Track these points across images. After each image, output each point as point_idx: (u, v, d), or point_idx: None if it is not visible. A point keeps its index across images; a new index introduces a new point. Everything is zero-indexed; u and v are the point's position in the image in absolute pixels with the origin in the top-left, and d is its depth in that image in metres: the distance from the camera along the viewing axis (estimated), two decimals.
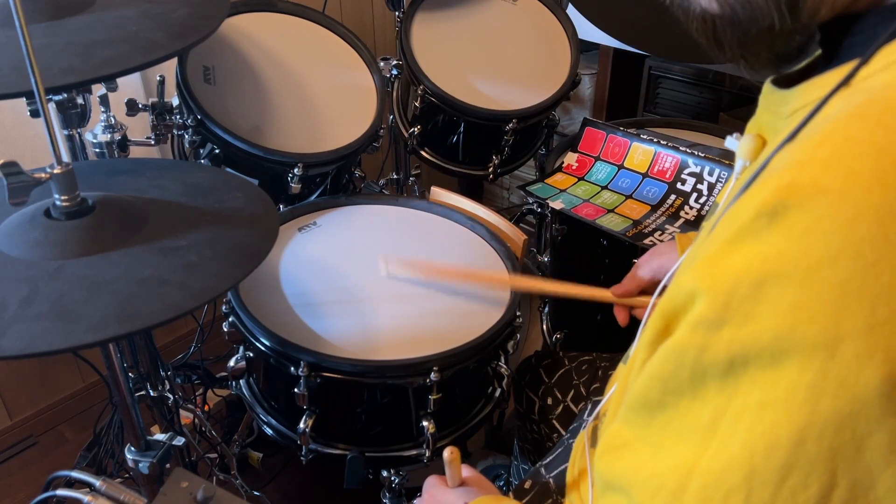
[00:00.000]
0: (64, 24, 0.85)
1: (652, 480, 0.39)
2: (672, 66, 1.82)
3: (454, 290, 1.07)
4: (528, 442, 1.10)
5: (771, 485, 0.34)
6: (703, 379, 0.37)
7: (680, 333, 0.38)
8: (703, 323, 0.36)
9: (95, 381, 1.68)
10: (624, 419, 0.44)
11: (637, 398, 0.42)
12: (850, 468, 0.33)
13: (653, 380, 0.40)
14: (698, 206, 1.24)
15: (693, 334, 0.37)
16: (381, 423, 0.98)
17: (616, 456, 0.44)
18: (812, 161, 0.35)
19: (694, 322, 0.37)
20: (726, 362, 0.36)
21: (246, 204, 0.78)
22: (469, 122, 1.40)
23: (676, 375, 0.38)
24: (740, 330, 0.35)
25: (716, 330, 0.36)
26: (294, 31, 1.31)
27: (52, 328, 0.59)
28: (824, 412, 0.33)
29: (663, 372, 0.39)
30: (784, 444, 0.34)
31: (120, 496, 0.80)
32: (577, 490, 0.69)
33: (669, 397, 0.39)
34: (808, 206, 0.34)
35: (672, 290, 0.40)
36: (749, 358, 0.35)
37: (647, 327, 0.43)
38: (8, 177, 0.64)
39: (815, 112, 0.39)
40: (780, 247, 0.34)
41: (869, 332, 0.32)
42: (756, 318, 0.34)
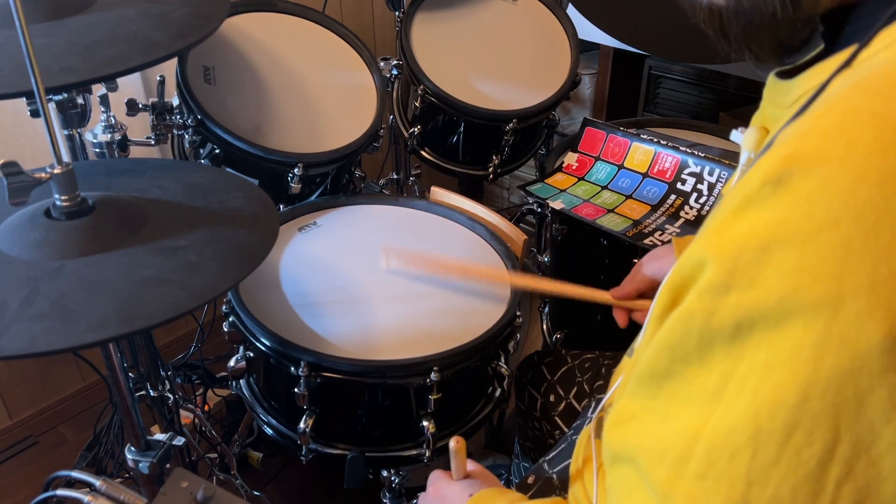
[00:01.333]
0: (64, 24, 0.85)
1: (658, 447, 0.40)
2: (672, 66, 1.82)
3: (454, 289, 1.07)
4: (530, 440, 1.10)
5: (776, 443, 0.35)
6: (710, 345, 0.37)
7: (688, 301, 0.39)
8: (711, 289, 0.37)
9: (95, 381, 1.68)
10: (632, 392, 0.44)
11: (645, 369, 0.42)
12: (852, 424, 0.34)
13: (660, 349, 0.40)
14: (698, 206, 1.24)
15: (700, 300, 0.38)
16: (381, 423, 0.98)
17: (624, 429, 0.44)
18: (814, 131, 0.36)
19: (702, 289, 0.38)
20: (733, 326, 0.36)
21: (246, 204, 0.78)
22: (469, 122, 1.40)
23: (684, 343, 0.39)
24: (746, 294, 0.36)
25: (723, 295, 0.37)
26: (294, 31, 1.31)
27: (52, 328, 0.59)
28: (827, 369, 0.34)
29: (671, 340, 0.40)
30: (789, 402, 0.34)
31: (120, 496, 0.80)
32: (581, 479, 0.69)
33: (677, 365, 0.40)
34: (811, 172, 0.35)
35: (680, 263, 0.41)
36: (755, 321, 0.36)
37: (655, 303, 0.44)
38: (8, 177, 0.64)
39: (818, 94, 0.40)
40: (784, 212, 0.35)
41: (871, 289, 0.33)
42: (761, 282, 0.35)
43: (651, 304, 0.77)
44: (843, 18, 0.44)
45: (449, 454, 0.72)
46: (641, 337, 0.64)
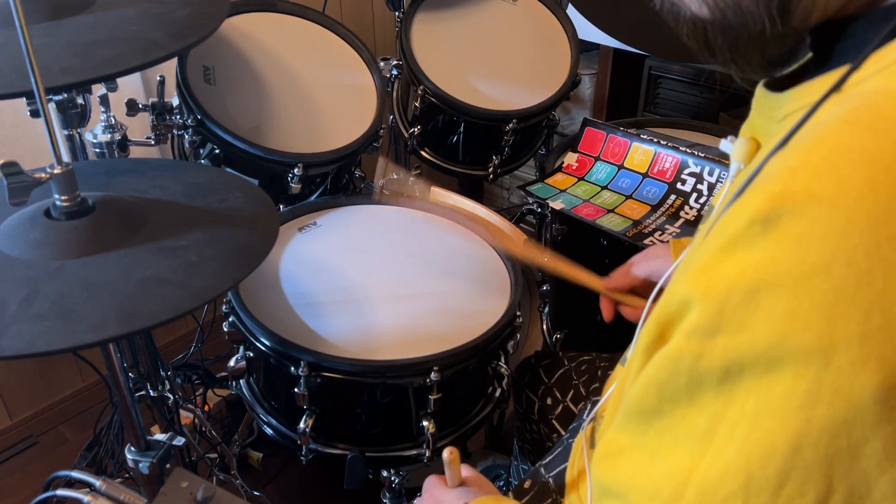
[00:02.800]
0: (64, 24, 0.85)
1: (648, 487, 0.40)
2: (672, 66, 1.81)
3: (454, 289, 1.07)
4: (528, 442, 1.10)
5: (767, 492, 0.34)
6: (699, 386, 0.37)
7: (675, 341, 0.38)
8: (698, 331, 0.37)
9: (95, 381, 1.68)
10: (620, 426, 0.44)
11: (633, 405, 0.42)
12: (846, 475, 0.33)
13: (648, 387, 0.40)
14: (698, 207, 1.24)
15: (688, 342, 0.37)
16: (381, 423, 0.98)
17: (613, 462, 0.44)
18: (803, 168, 0.35)
19: (689, 330, 0.37)
20: (722, 370, 0.36)
21: (246, 204, 0.78)
22: (469, 122, 1.40)
23: (672, 383, 0.38)
24: (735, 338, 0.35)
25: (710, 338, 0.36)
26: (294, 31, 1.31)
27: (52, 328, 0.59)
28: (820, 419, 0.33)
29: (659, 379, 0.39)
30: (780, 451, 0.34)
31: (120, 496, 0.80)
32: (577, 490, 0.69)
33: (666, 404, 0.39)
34: (801, 213, 0.34)
35: (666, 298, 0.40)
36: (744, 366, 0.35)
37: (642, 334, 0.43)
38: (8, 177, 0.64)
39: (807, 118, 0.39)
40: (772, 254, 0.34)
41: (863, 339, 0.32)
42: (750, 326, 0.35)
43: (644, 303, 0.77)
44: (834, 33, 0.43)
45: (443, 463, 0.72)
46: (632, 348, 0.63)
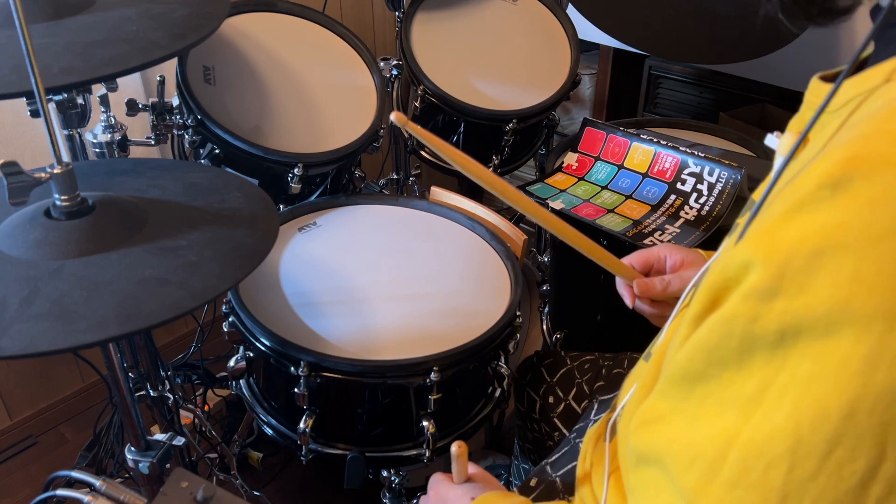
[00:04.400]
0: (64, 24, 0.85)
1: (688, 450, 0.39)
2: (672, 66, 1.82)
3: (454, 289, 1.07)
4: (529, 441, 1.10)
5: (816, 456, 0.34)
6: (750, 350, 0.36)
7: (730, 303, 0.38)
8: (756, 293, 0.36)
9: (95, 381, 1.68)
10: (661, 392, 0.43)
11: (677, 370, 0.41)
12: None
13: (697, 350, 0.40)
14: (698, 206, 1.24)
15: (744, 304, 0.37)
16: (381, 423, 0.98)
17: (651, 429, 0.43)
18: (878, 134, 0.35)
19: (746, 292, 0.37)
20: (777, 333, 0.35)
21: (246, 204, 0.78)
22: (469, 122, 1.40)
23: (723, 346, 0.38)
24: (794, 300, 0.35)
25: (768, 300, 0.35)
26: (294, 31, 1.31)
27: (52, 328, 0.59)
28: (878, 385, 0.33)
29: (709, 342, 0.39)
30: (833, 416, 0.33)
31: (120, 496, 0.80)
32: (589, 483, 0.69)
33: (713, 368, 0.39)
34: (874, 177, 0.33)
35: (723, 263, 0.39)
36: (801, 329, 0.35)
37: (693, 303, 0.42)
38: (8, 177, 0.64)
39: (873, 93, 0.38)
40: (841, 218, 0.34)
41: None
42: (811, 289, 0.34)
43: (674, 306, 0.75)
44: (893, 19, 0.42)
45: (450, 458, 0.72)
46: (661, 338, 0.62)
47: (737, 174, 1.21)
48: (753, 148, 1.42)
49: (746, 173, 1.21)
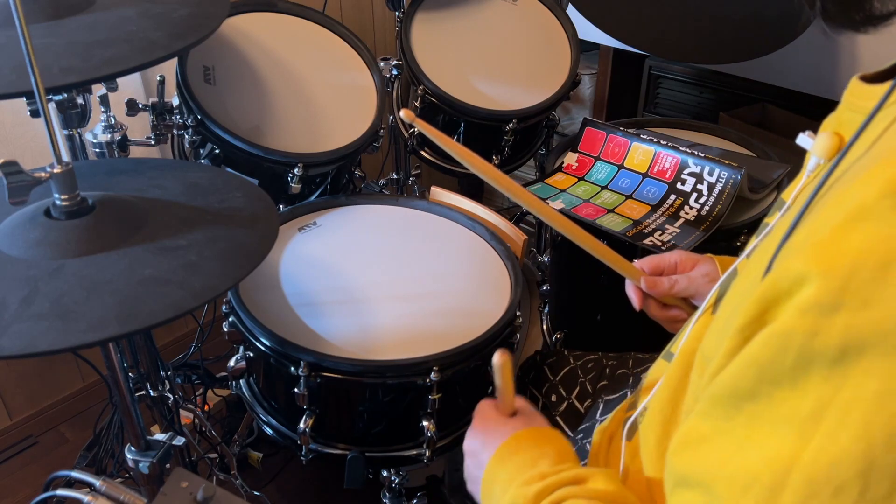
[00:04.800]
0: (64, 24, 0.85)
1: (741, 475, 0.37)
2: (672, 66, 1.82)
3: (454, 289, 1.07)
4: None
5: (890, 479, 0.33)
6: (807, 367, 0.35)
7: (786, 318, 0.36)
8: (815, 307, 0.35)
9: (95, 381, 1.68)
10: (703, 413, 0.42)
11: (723, 388, 0.40)
12: None
13: (747, 367, 0.38)
14: (698, 206, 1.24)
15: (802, 318, 0.35)
16: (381, 423, 0.98)
17: (693, 451, 0.42)
18: None
19: (804, 306, 0.35)
20: (838, 349, 0.34)
21: (246, 203, 0.78)
22: (469, 122, 1.40)
23: (777, 362, 0.36)
24: (858, 315, 0.33)
25: (829, 314, 0.34)
26: (294, 31, 1.31)
27: (52, 328, 0.59)
28: None
29: (761, 358, 0.37)
30: None
31: (120, 496, 0.81)
32: None
33: (764, 386, 0.37)
34: None
35: (775, 275, 0.38)
36: (866, 345, 0.33)
37: (739, 314, 0.41)
38: (8, 176, 0.64)
39: None
40: None
41: None
42: (878, 303, 0.33)
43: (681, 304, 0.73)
44: None
45: (495, 378, 0.67)
46: (684, 338, 0.62)
47: (737, 174, 1.21)
48: (753, 148, 1.42)
49: (746, 173, 1.21)
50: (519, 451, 0.62)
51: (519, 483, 0.58)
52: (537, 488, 0.55)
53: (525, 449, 0.62)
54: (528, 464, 0.60)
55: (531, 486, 0.56)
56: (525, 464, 0.60)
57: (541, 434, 0.64)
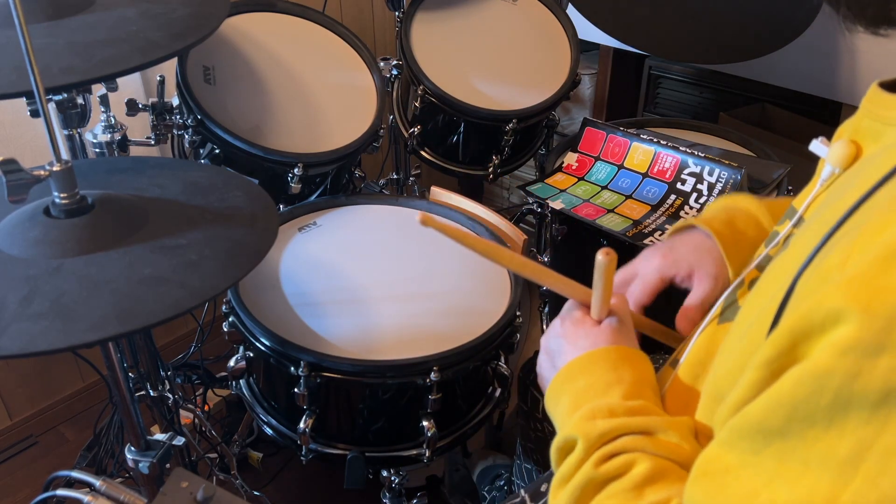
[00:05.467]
0: (64, 24, 0.85)
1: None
2: (672, 66, 1.82)
3: (454, 289, 1.07)
4: (532, 441, 1.10)
5: None
6: (845, 408, 0.34)
7: (821, 357, 0.35)
8: (856, 347, 0.34)
9: (95, 381, 1.68)
10: (727, 443, 0.41)
11: (751, 422, 0.39)
12: None
13: (778, 405, 0.37)
14: (698, 206, 1.24)
15: (841, 359, 0.34)
16: (381, 423, 0.98)
17: (716, 482, 0.41)
18: None
19: (842, 346, 0.34)
20: (881, 392, 0.33)
21: (246, 202, 0.78)
22: (469, 122, 1.40)
23: (811, 402, 0.35)
24: None
25: (872, 356, 0.33)
26: (294, 31, 1.31)
27: (52, 327, 0.59)
28: None
29: (794, 397, 0.36)
30: None
31: (120, 496, 0.80)
32: None
33: (796, 424, 0.36)
34: None
35: (807, 308, 0.37)
36: None
37: (766, 346, 0.40)
38: (7, 174, 0.64)
39: None
40: None
41: None
42: None
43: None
44: None
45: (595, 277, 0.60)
46: (690, 347, 0.60)
47: (737, 174, 1.21)
48: (753, 148, 1.42)
49: (746, 173, 1.21)
50: (594, 369, 0.58)
51: (585, 413, 0.54)
52: (602, 429, 0.52)
53: (600, 370, 0.58)
54: (599, 389, 0.56)
55: (596, 424, 0.52)
56: (597, 388, 0.56)
57: (620, 354, 0.59)
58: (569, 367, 0.59)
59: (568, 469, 0.53)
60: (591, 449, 0.52)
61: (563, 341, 0.63)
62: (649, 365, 0.60)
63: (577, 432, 0.53)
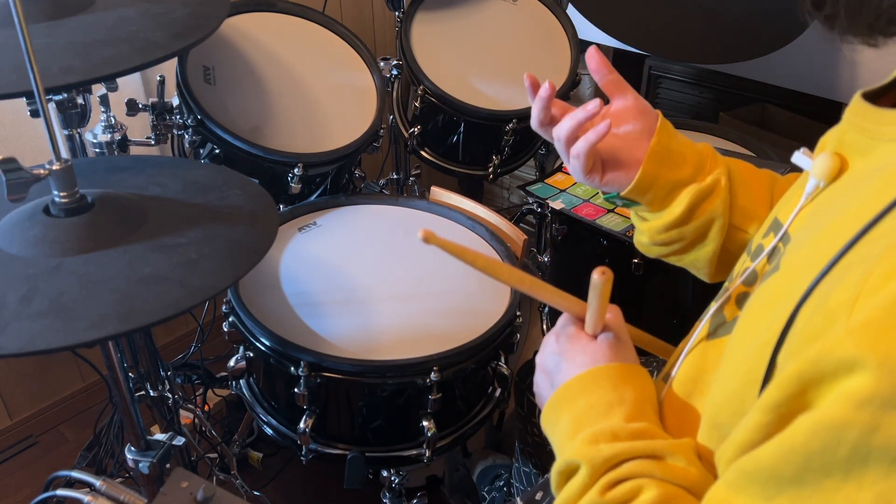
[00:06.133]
0: (64, 24, 0.85)
1: None
2: (672, 66, 1.82)
3: (454, 289, 1.07)
4: (529, 444, 1.10)
5: None
6: (864, 461, 0.34)
7: (837, 409, 0.35)
8: (874, 400, 0.33)
9: (95, 381, 1.67)
10: (735, 486, 0.40)
11: (761, 468, 0.38)
12: None
13: (791, 454, 0.36)
14: None
15: (859, 412, 0.33)
16: (381, 423, 0.98)
17: None
18: None
19: (859, 398, 0.33)
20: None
21: (245, 201, 0.78)
22: (469, 122, 1.40)
23: (827, 453, 0.35)
24: None
25: (891, 410, 0.32)
26: (294, 31, 1.31)
27: (52, 326, 0.58)
28: None
29: (808, 448, 0.35)
30: None
31: (120, 496, 0.80)
32: None
33: (811, 474, 0.36)
34: None
35: (816, 354, 0.36)
36: None
37: (771, 389, 0.39)
38: (7, 173, 0.64)
39: None
40: None
41: None
42: None
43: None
44: None
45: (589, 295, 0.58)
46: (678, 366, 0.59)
47: None
48: (753, 148, 1.42)
49: None
50: (594, 389, 0.56)
51: (588, 437, 0.52)
52: (606, 454, 0.50)
53: (601, 389, 0.56)
54: (601, 410, 0.54)
55: (600, 448, 0.51)
56: (598, 409, 0.54)
57: (620, 372, 0.57)
58: (567, 387, 0.58)
59: (571, 495, 0.51)
60: (595, 475, 0.50)
61: (560, 358, 0.61)
62: (649, 381, 0.58)
63: (580, 457, 0.51)
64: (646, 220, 0.72)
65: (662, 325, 0.89)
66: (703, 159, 0.69)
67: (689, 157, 0.69)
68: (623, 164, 0.69)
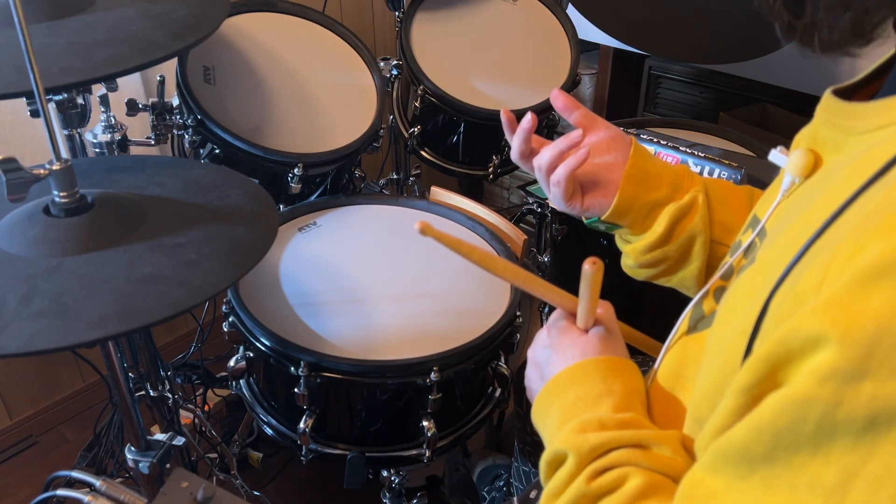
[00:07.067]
0: (64, 24, 0.85)
1: None
2: (672, 66, 1.81)
3: (454, 289, 1.07)
4: (529, 444, 1.10)
5: None
6: (830, 435, 0.34)
7: (802, 384, 0.35)
8: (837, 374, 0.33)
9: (95, 381, 1.68)
10: (711, 467, 0.41)
11: (734, 448, 0.39)
12: None
13: (760, 432, 0.37)
14: None
15: (822, 387, 0.34)
16: (381, 423, 0.98)
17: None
18: None
19: (822, 373, 0.34)
20: (866, 420, 0.32)
21: (245, 201, 0.78)
22: (469, 122, 1.40)
23: (794, 430, 0.35)
24: (886, 384, 0.32)
25: (853, 383, 0.33)
26: (294, 31, 1.32)
27: (52, 326, 0.58)
28: None
29: (776, 425, 0.36)
30: None
31: (120, 496, 0.80)
32: None
33: (781, 451, 0.36)
34: None
35: (784, 333, 0.36)
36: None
37: (743, 372, 0.39)
38: (7, 173, 0.64)
39: None
40: None
41: None
42: None
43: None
44: None
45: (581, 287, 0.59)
46: (660, 362, 0.60)
47: (737, 174, 1.21)
48: (753, 148, 1.42)
49: (746, 173, 1.21)
50: (583, 381, 0.57)
51: (576, 426, 0.53)
52: (593, 442, 0.51)
53: (590, 381, 0.57)
54: (589, 401, 0.55)
55: (587, 437, 0.51)
56: (586, 400, 0.55)
57: (610, 365, 0.58)
58: (557, 379, 0.59)
59: (558, 484, 0.52)
60: (582, 463, 0.51)
61: (551, 351, 0.62)
62: (639, 374, 0.59)
63: (568, 446, 0.52)
64: (629, 243, 0.75)
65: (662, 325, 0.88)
66: (680, 178, 0.71)
67: (665, 177, 0.71)
68: (602, 189, 0.71)
